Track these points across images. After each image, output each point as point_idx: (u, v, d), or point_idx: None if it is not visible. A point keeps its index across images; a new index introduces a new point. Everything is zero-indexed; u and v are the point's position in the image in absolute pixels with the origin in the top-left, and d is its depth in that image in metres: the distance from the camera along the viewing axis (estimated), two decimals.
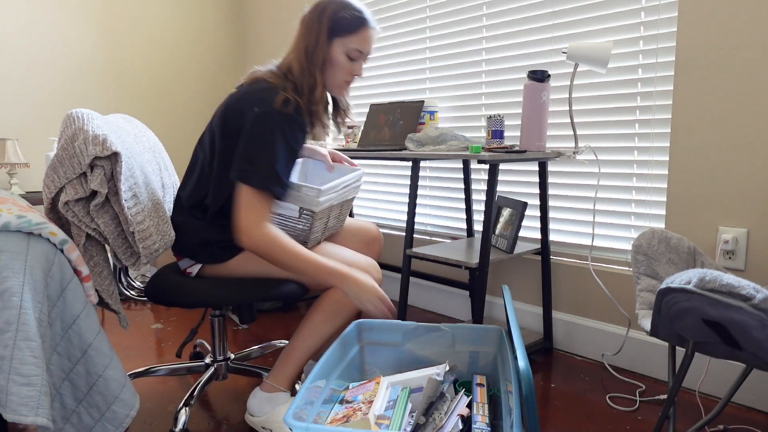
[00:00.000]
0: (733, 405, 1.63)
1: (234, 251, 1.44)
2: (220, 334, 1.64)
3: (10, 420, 0.96)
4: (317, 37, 1.38)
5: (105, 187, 1.23)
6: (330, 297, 1.41)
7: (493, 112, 2.22)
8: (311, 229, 1.40)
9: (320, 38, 1.38)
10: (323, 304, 1.42)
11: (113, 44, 2.98)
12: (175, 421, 1.45)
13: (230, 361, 1.68)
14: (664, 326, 1.14)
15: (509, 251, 1.88)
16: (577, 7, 1.93)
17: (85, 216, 1.27)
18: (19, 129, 2.71)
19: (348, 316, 1.43)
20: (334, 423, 1.18)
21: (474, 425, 1.16)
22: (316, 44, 1.39)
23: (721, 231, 1.63)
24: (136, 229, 1.28)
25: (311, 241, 1.45)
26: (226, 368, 1.66)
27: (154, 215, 1.36)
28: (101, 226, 1.28)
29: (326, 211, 1.46)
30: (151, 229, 1.32)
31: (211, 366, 1.64)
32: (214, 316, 1.62)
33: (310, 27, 1.40)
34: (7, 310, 0.99)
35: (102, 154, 1.21)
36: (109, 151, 1.22)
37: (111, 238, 1.30)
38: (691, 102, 1.66)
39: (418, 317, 2.44)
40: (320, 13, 1.39)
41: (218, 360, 1.65)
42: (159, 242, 1.35)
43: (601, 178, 1.93)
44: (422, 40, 2.47)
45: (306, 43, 1.40)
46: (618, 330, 1.90)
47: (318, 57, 1.39)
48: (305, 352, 1.43)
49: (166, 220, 1.42)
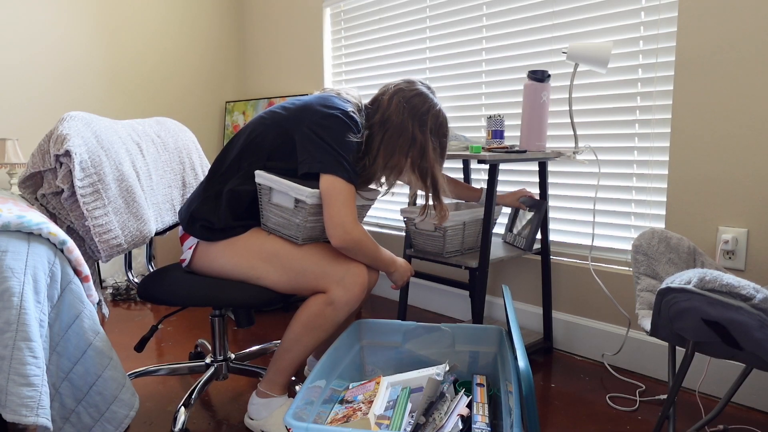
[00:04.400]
0: (733, 405, 1.63)
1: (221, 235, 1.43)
2: (221, 334, 1.64)
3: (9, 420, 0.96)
4: (426, 146, 1.44)
5: (66, 182, 1.32)
6: (307, 309, 1.38)
7: (493, 112, 2.22)
8: (305, 223, 1.39)
9: (429, 150, 1.44)
10: (302, 317, 1.39)
11: (112, 44, 2.98)
12: (175, 421, 1.45)
13: (230, 361, 1.68)
14: (664, 326, 1.14)
15: (528, 249, 1.89)
16: (577, 7, 1.93)
17: (62, 210, 1.38)
18: (19, 129, 2.71)
19: (328, 328, 1.38)
20: (334, 423, 1.18)
21: (474, 425, 1.16)
22: (425, 154, 1.44)
23: (721, 231, 1.63)
24: (92, 224, 1.34)
25: (305, 236, 1.42)
26: (226, 368, 1.66)
27: (124, 212, 1.41)
28: (73, 220, 1.37)
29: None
30: (112, 225, 1.37)
31: (211, 366, 1.64)
32: (214, 316, 1.63)
33: (415, 137, 1.43)
34: (6, 311, 0.99)
35: (59, 151, 1.30)
36: (64, 149, 1.30)
37: (83, 231, 1.39)
38: (691, 102, 1.66)
39: (418, 317, 2.44)
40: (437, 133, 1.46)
41: (218, 360, 1.65)
42: (122, 238, 1.40)
43: (601, 178, 1.93)
44: (422, 40, 2.47)
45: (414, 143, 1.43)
46: (618, 330, 1.90)
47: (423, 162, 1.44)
48: (291, 363, 1.42)
49: (142, 218, 1.46)
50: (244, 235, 1.44)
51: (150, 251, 1.76)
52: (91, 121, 1.42)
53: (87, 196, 1.33)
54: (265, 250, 1.41)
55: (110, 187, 1.39)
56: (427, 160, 1.43)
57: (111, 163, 1.41)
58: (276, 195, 1.40)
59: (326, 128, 1.35)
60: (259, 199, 1.44)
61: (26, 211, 1.15)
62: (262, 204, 1.45)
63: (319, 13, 2.96)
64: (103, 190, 1.36)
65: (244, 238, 1.44)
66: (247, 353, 1.85)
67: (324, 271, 1.37)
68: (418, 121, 1.42)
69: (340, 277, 1.36)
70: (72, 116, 1.38)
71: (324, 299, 1.36)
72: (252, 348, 1.89)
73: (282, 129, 1.40)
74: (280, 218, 1.42)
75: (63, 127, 1.34)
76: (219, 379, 1.68)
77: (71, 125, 1.35)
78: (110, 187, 1.39)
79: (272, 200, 1.42)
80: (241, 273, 1.42)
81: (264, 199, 1.43)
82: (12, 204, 1.18)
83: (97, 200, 1.35)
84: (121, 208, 1.41)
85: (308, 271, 1.37)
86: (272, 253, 1.40)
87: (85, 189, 1.33)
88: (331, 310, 1.36)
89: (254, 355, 1.88)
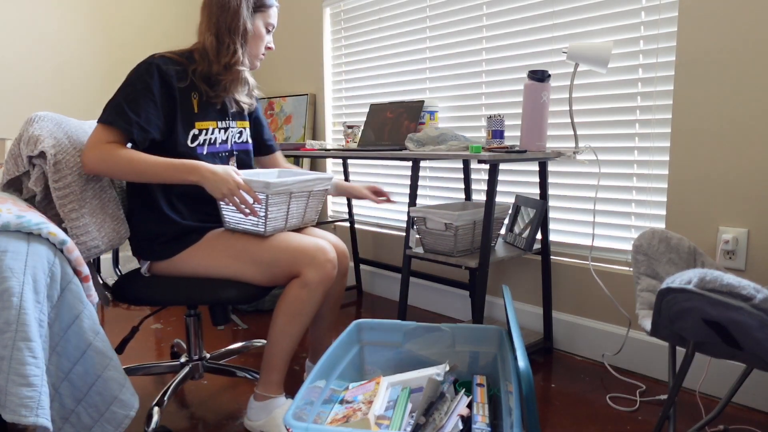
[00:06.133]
0: (733, 405, 1.63)
1: (175, 248, 1.44)
2: (196, 334, 1.64)
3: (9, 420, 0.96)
4: (238, 13, 1.45)
5: (39, 185, 1.31)
6: (285, 298, 1.40)
7: (493, 112, 2.22)
8: (267, 215, 1.39)
9: (242, 14, 1.46)
10: (282, 306, 1.41)
11: (107, 42, 2.98)
12: (148, 420, 1.45)
13: (206, 360, 1.68)
14: (665, 326, 1.14)
15: (528, 249, 1.89)
16: (577, 7, 1.93)
17: None
18: (15, 129, 2.71)
19: (309, 312, 1.40)
20: (334, 423, 1.18)
21: (474, 425, 1.15)
22: (237, 19, 1.45)
23: (721, 231, 1.63)
24: (68, 225, 1.32)
25: (270, 228, 1.42)
26: (201, 368, 1.66)
27: (99, 213, 1.40)
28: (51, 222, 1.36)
29: (285, 199, 1.44)
30: (89, 226, 1.36)
31: (186, 365, 1.64)
32: (189, 316, 1.62)
33: (227, 5, 1.45)
34: (6, 311, 0.99)
35: (33, 153, 1.28)
36: (38, 151, 1.28)
37: None
38: (691, 102, 1.66)
39: (418, 317, 2.44)
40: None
41: (193, 359, 1.65)
42: (100, 239, 1.38)
43: (601, 178, 1.93)
44: (422, 40, 2.47)
45: (224, 20, 1.45)
46: (618, 330, 1.90)
47: (239, 31, 1.46)
48: (283, 357, 1.43)
49: (118, 218, 1.45)
50: (206, 238, 1.45)
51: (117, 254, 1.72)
52: (61, 121, 1.40)
53: (63, 198, 1.31)
54: (233, 247, 1.42)
55: (85, 188, 1.37)
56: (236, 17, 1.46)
57: None
58: None
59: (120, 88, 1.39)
60: (218, 201, 1.44)
61: (26, 211, 1.15)
62: (220, 204, 1.45)
63: (319, 13, 2.96)
64: (78, 191, 1.35)
65: (207, 240, 1.44)
66: (222, 352, 1.84)
67: (293, 257, 1.39)
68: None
69: (310, 259, 1.38)
70: (41, 116, 1.35)
71: (298, 283, 1.39)
72: (228, 347, 1.88)
73: None
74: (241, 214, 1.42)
75: (33, 128, 1.31)
76: (195, 379, 1.67)
77: (42, 126, 1.33)
78: (85, 188, 1.37)
79: None
80: (217, 274, 1.43)
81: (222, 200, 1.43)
82: (11, 204, 1.18)
83: (72, 202, 1.33)
84: (96, 209, 1.40)
85: (280, 259, 1.39)
86: (241, 249, 1.41)
87: (60, 191, 1.31)
88: (306, 292, 1.38)
89: (230, 354, 1.88)
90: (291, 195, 1.45)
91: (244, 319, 2.43)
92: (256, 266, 1.40)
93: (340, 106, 2.96)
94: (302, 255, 1.38)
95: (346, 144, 2.49)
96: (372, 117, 2.39)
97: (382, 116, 2.35)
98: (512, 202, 2.08)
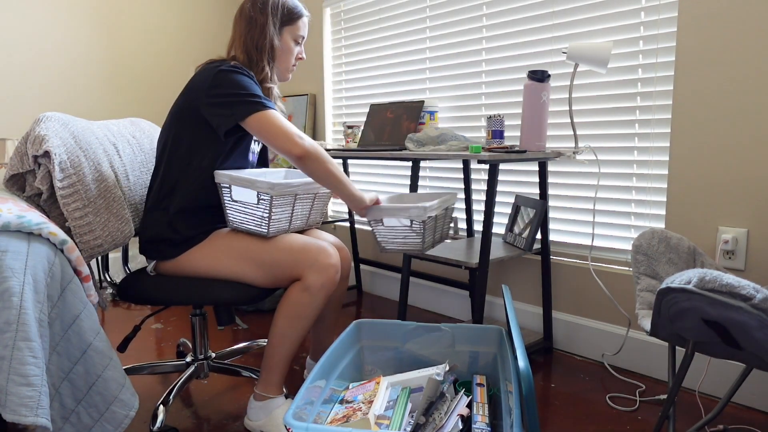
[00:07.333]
0: (733, 405, 1.63)
1: (181, 248, 1.44)
2: (201, 333, 1.64)
3: (9, 420, 0.96)
4: (264, 30, 1.49)
5: (45, 184, 1.32)
6: (286, 300, 1.40)
7: (493, 112, 2.22)
8: (271, 216, 1.39)
9: (268, 31, 1.49)
10: (283, 308, 1.40)
11: (111, 43, 2.98)
12: (153, 419, 1.45)
13: (211, 359, 1.68)
14: (664, 326, 1.14)
15: (528, 249, 1.88)
16: (577, 7, 1.93)
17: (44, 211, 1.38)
18: (19, 129, 2.71)
19: (309, 315, 1.40)
20: (334, 423, 1.18)
21: (474, 425, 1.16)
22: (264, 37, 1.49)
23: (721, 231, 1.63)
24: (72, 224, 1.33)
25: (273, 229, 1.42)
26: (207, 367, 1.66)
27: (104, 212, 1.41)
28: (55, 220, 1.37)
29: (290, 200, 1.44)
30: (93, 225, 1.36)
31: (191, 365, 1.64)
32: (194, 315, 1.62)
33: (255, 20, 1.49)
34: (6, 311, 0.99)
35: (38, 152, 1.29)
36: (42, 150, 1.29)
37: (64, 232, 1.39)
38: (691, 102, 1.66)
39: (418, 317, 2.44)
40: (264, 6, 1.49)
41: (198, 359, 1.65)
42: (103, 239, 1.39)
43: (601, 178, 1.93)
44: (422, 40, 2.47)
45: (252, 37, 1.49)
46: (618, 330, 1.90)
47: (266, 49, 1.50)
48: (282, 358, 1.43)
49: (122, 218, 1.46)
50: (210, 238, 1.45)
51: (127, 253, 1.74)
52: (68, 121, 1.41)
53: (67, 197, 1.32)
54: (235, 248, 1.42)
55: (90, 187, 1.38)
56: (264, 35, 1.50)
57: (90, 164, 1.41)
58: (236, 191, 1.41)
59: (219, 86, 1.37)
60: (222, 198, 1.44)
61: (26, 211, 1.15)
62: (224, 203, 1.44)
63: (319, 13, 2.96)
64: (83, 190, 1.36)
65: (211, 240, 1.44)
66: (227, 352, 1.85)
67: (295, 259, 1.38)
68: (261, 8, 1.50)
69: (312, 262, 1.38)
70: (48, 117, 1.36)
71: (299, 286, 1.38)
72: (233, 347, 1.89)
73: (184, 121, 1.43)
74: (245, 214, 1.42)
75: (40, 128, 1.32)
76: (200, 378, 1.68)
77: (48, 126, 1.34)
78: (90, 187, 1.38)
79: (234, 197, 1.42)
80: (219, 274, 1.43)
81: (226, 198, 1.43)
82: (12, 204, 1.18)
83: (77, 201, 1.34)
84: (101, 208, 1.40)
85: (281, 261, 1.39)
86: (243, 250, 1.41)
87: (65, 190, 1.32)
88: (308, 295, 1.38)
89: (235, 354, 1.88)
90: (296, 197, 1.45)
91: (244, 319, 2.43)
92: (258, 267, 1.40)
93: (340, 106, 2.96)
94: (304, 257, 1.38)
95: (346, 144, 2.49)
96: (372, 117, 2.39)
97: (382, 116, 2.35)
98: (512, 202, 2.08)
